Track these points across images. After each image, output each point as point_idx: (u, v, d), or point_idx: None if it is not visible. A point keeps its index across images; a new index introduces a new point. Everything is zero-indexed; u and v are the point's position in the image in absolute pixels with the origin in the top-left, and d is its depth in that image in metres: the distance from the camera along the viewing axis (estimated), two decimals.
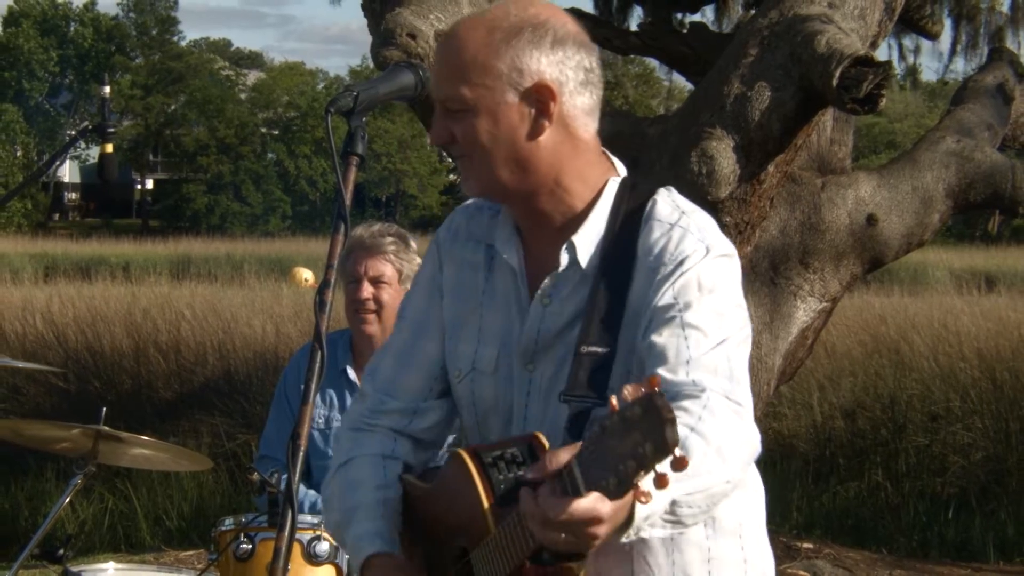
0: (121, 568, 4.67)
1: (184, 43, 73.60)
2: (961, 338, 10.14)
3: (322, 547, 4.12)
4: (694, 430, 2.10)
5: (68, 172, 68.14)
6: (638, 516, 2.00)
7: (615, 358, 2.29)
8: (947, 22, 8.55)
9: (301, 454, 2.31)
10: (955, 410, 9.38)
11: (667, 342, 2.22)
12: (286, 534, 2.31)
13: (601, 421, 1.86)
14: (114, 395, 10.30)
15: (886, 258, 6.42)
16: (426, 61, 5.04)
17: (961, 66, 8.96)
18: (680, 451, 1.82)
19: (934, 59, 9.39)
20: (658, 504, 2.01)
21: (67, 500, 4.45)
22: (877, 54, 5.36)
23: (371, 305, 4.58)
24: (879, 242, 6.30)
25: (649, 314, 2.27)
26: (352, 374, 4.69)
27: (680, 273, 2.27)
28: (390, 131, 63.07)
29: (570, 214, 2.38)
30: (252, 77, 72.20)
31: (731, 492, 2.16)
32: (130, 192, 68.80)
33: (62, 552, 4.34)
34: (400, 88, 2.53)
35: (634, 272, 2.32)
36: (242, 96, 69.19)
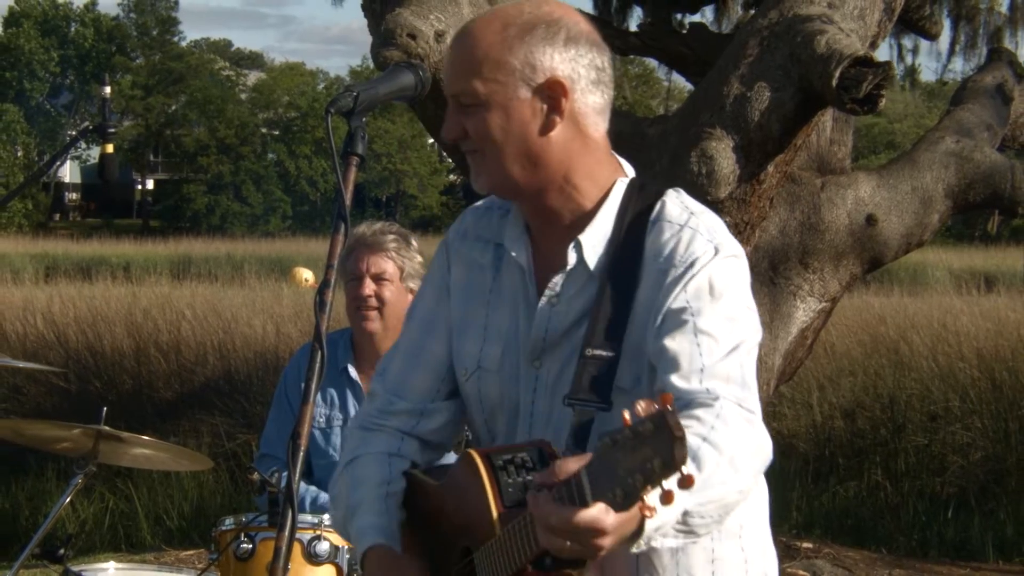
0: (122, 568, 4.66)
1: (185, 43, 73.69)
2: (960, 338, 10.13)
3: (322, 547, 4.11)
4: (707, 440, 2.10)
5: (69, 172, 68.12)
6: (648, 528, 2.01)
7: (620, 362, 2.29)
8: (946, 22, 8.56)
9: (301, 453, 2.32)
10: (954, 410, 9.37)
11: (680, 348, 2.22)
12: (286, 534, 2.31)
13: (613, 434, 1.88)
14: (115, 395, 10.30)
15: (885, 258, 6.43)
16: (426, 61, 5.04)
17: (960, 66, 8.95)
18: (688, 469, 1.84)
19: (933, 59, 9.39)
20: (670, 515, 2.02)
21: (68, 500, 4.44)
22: (876, 54, 5.36)
23: (373, 302, 4.57)
24: (878, 242, 6.31)
25: (661, 316, 2.27)
26: (353, 372, 4.69)
27: (691, 276, 2.27)
28: (390, 131, 63.05)
29: (579, 212, 2.38)
30: (252, 77, 72.16)
31: (743, 501, 2.17)
32: (131, 192, 68.76)
33: (63, 552, 4.33)
34: (400, 88, 2.53)
35: (641, 273, 2.33)
36: (242, 96, 69.16)
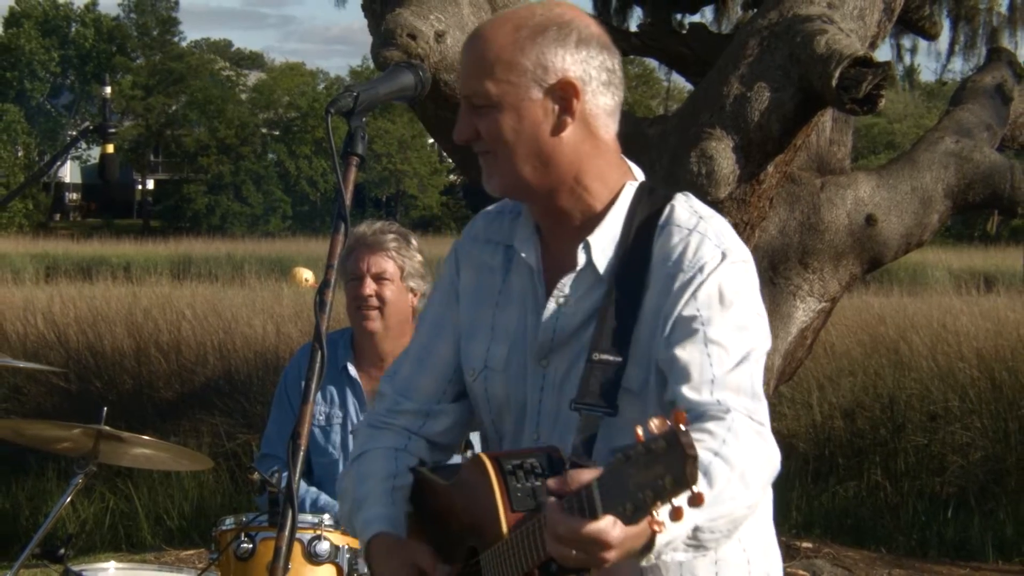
0: (122, 567, 4.65)
1: (185, 44, 73.68)
2: (960, 338, 10.13)
3: (322, 546, 4.10)
4: (718, 455, 2.12)
5: (69, 172, 68.11)
6: (659, 543, 2.03)
7: (626, 367, 2.31)
8: (946, 23, 8.56)
9: (302, 453, 2.33)
10: (954, 410, 9.37)
11: (690, 358, 2.24)
12: (287, 533, 2.32)
13: (626, 450, 1.91)
14: (115, 395, 10.30)
15: (885, 258, 6.44)
16: (426, 61, 5.05)
17: (959, 66, 8.95)
18: (698, 488, 1.87)
19: (933, 60, 9.40)
20: (681, 530, 2.05)
21: (68, 499, 4.44)
22: (876, 55, 5.37)
23: (374, 302, 4.58)
24: (878, 242, 6.31)
25: (671, 322, 2.29)
26: (353, 371, 4.69)
27: (700, 282, 2.29)
28: (390, 131, 63.04)
29: (589, 213, 2.40)
30: (253, 78, 72.14)
31: (751, 515, 2.19)
32: (131, 192, 68.74)
33: (63, 551, 4.33)
34: (400, 88, 2.54)
35: (649, 278, 2.34)
36: (243, 96, 69.14)
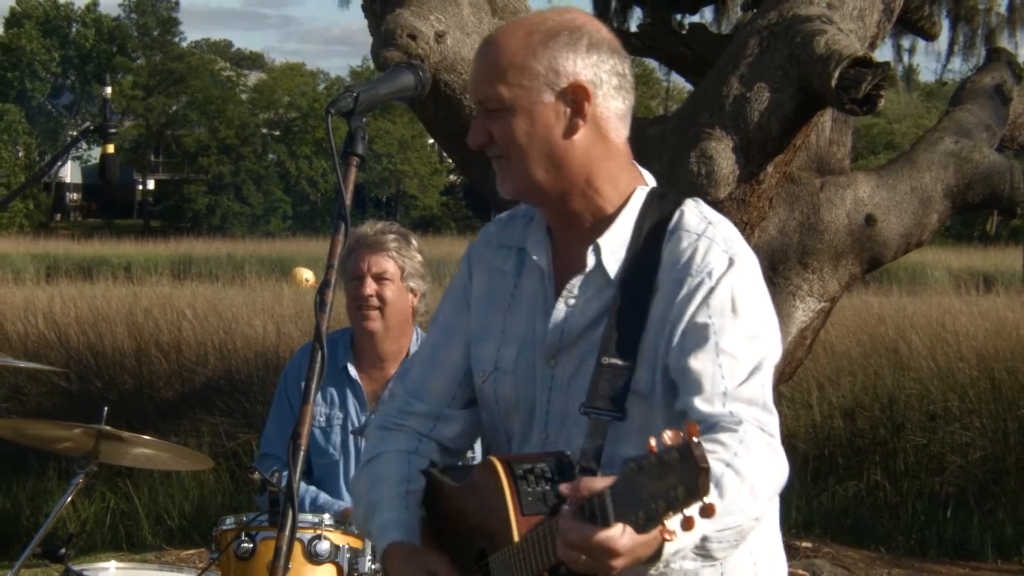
0: (122, 567, 4.65)
1: (185, 44, 73.65)
2: (959, 338, 10.14)
3: (323, 546, 4.11)
4: (730, 466, 2.16)
5: (70, 173, 68.10)
6: (667, 551, 2.07)
7: (635, 371, 2.34)
8: (945, 23, 8.56)
9: (302, 453, 2.33)
10: (953, 410, 9.37)
11: (702, 369, 2.27)
12: (287, 533, 2.33)
13: (639, 460, 1.95)
14: (115, 395, 10.29)
15: (885, 258, 6.44)
16: (426, 62, 5.06)
17: (959, 67, 8.94)
18: (710, 499, 1.90)
19: (932, 60, 9.40)
20: (689, 539, 2.08)
21: (69, 499, 4.44)
22: (875, 55, 5.38)
23: (374, 302, 4.59)
24: (878, 242, 6.31)
25: (681, 328, 2.32)
26: (353, 371, 4.70)
27: (710, 287, 2.32)
28: (390, 132, 63.04)
29: (600, 216, 2.43)
30: (253, 78, 72.12)
31: (758, 526, 2.22)
32: (131, 192, 68.73)
33: (64, 551, 4.33)
34: (400, 89, 2.55)
35: (658, 281, 2.37)
36: (243, 97, 69.12)
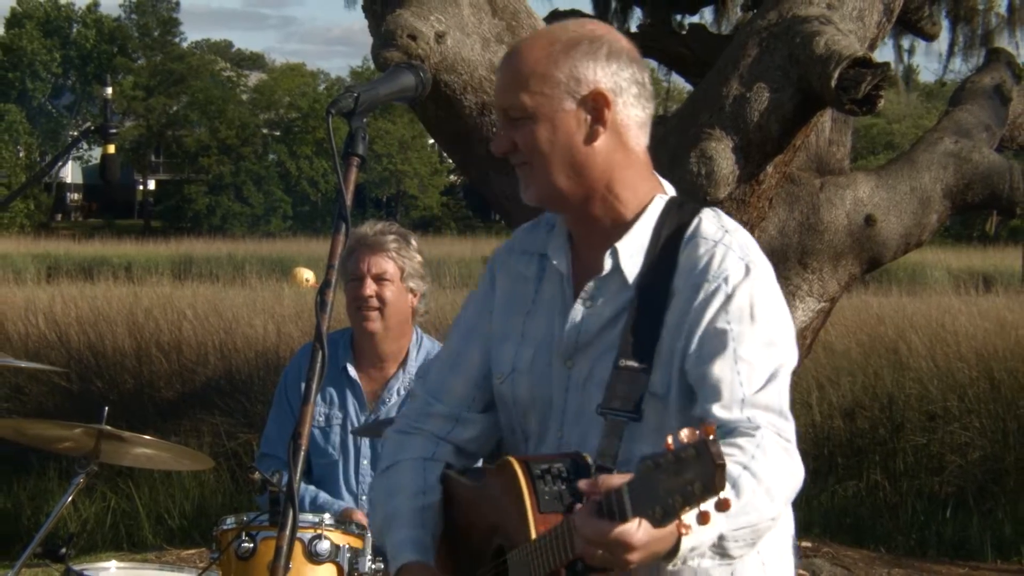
0: (123, 567, 4.65)
1: (186, 44, 73.62)
2: (959, 338, 10.15)
3: (323, 546, 4.10)
4: (747, 468, 2.23)
5: (70, 173, 68.11)
6: (684, 547, 2.12)
7: (651, 374, 2.39)
8: (945, 23, 8.56)
9: (302, 453, 2.34)
10: (953, 410, 9.37)
11: (721, 376, 2.33)
12: (287, 533, 2.34)
13: (655, 457, 2.01)
14: (116, 395, 10.29)
15: (884, 258, 6.44)
16: (426, 62, 5.06)
17: (959, 67, 8.94)
18: (725, 494, 1.96)
19: (932, 60, 9.40)
20: (707, 536, 2.14)
21: (69, 499, 4.43)
22: (875, 55, 5.38)
23: (374, 302, 4.61)
24: (877, 242, 6.32)
25: (699, 334, 2.37)
26: (352, 371, 4.71)
27: (727, 295, 2.37)
28: (391, 132, 63.04)
29: (619, 222, 2.49)
30: (253, 78, 72.09)
31: (774, 527, 2.28)
32: (132, 193, 68.72)
33: (64, 551, 4.32)
34: (401, 89, 2.57)
35: (674, 287, 2.42)
36: (243, 97, 69.08)
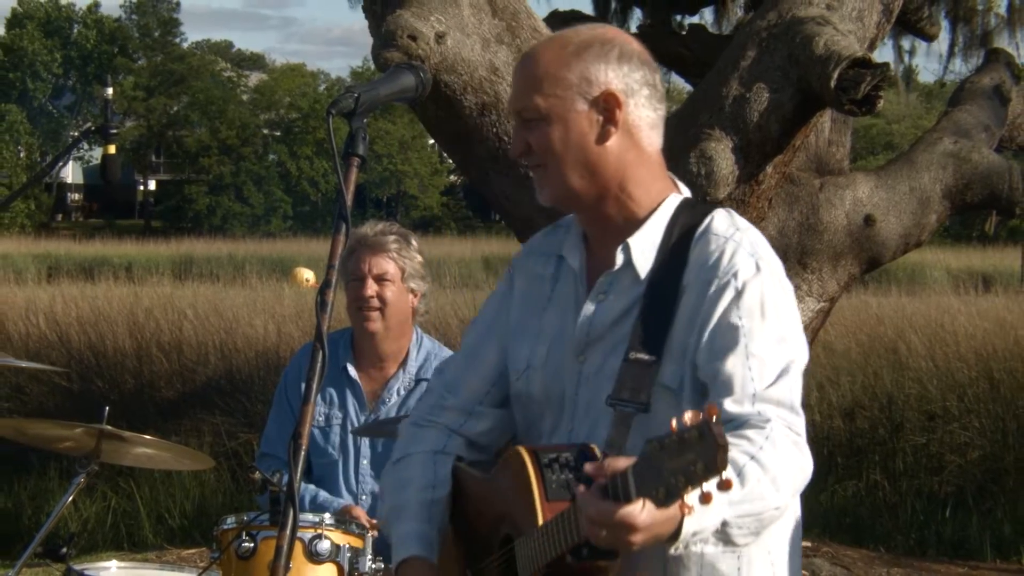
0: (124, 566, 4.65)
1: (186, 45, 73.54)
2: (958, 338, 10.16)
3: (323, 545, 4.10)
4: (754, 458, 2.26)
5: (71, 173, 68.10)
6: (686, 531, 2.15)
7: (661, 366, 2.42)
8: (944, 24, 8.56)
9: (302, 453, 2.35)
10: (952, 409, 9.38)
11: (732, 371, 2.36)
12: (288, 532, 2.34)
13: (660, 439, 2.05)
14: (117, 394, 10.30)
15: (884, 258, 6.44)
16: (426, 63, 5.06)
17: (959, 67, 8.95)
18: (727, 475, 1.99)
19: (932, 61, 9.41)
20: (709, 521, 2.17)
21: (70, 499, 4.44)
22: (875, 56, 5.39)
23: (375, 303, 4.62)
24: (877, 242, 6.32)
25: (710, 329, 2.40)
26: (353, 371, 4.72)
27: (737, 290, 2.41)
28: (391, 132, 63.04)
29: (632, 220, 2.53)
30: (254, 78, 72.06)
31: (780, 517, 2.31)
32: (133, 193, 68.71)
33: (65, 550, 4.32)
34: (401, 89, 2.58)
35: (685, 282, 2.46)
36: (244, 97, 69.07)
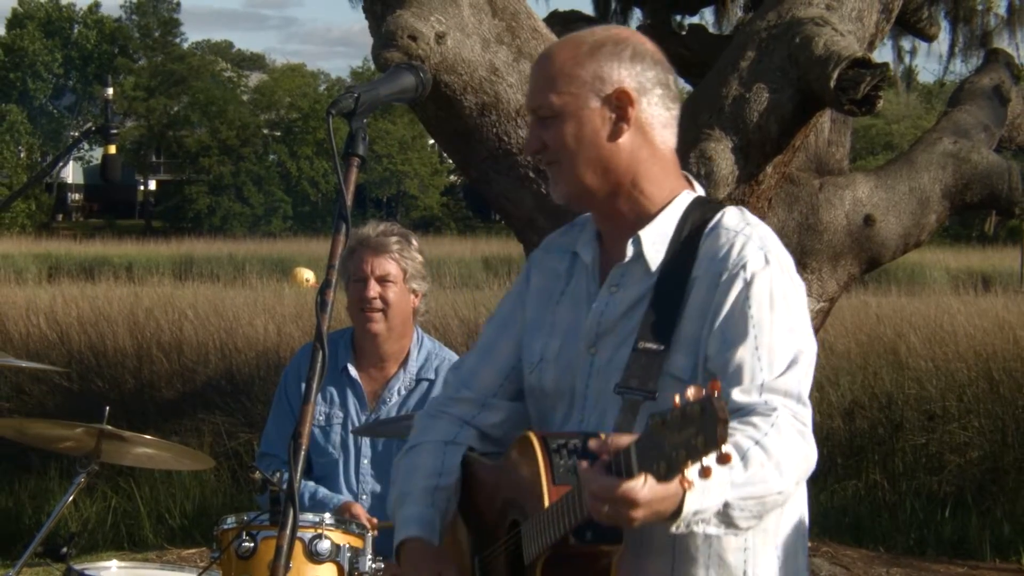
0: (124, 566, 4.65)
1: (186, 45, 73.47)
2: (958, 338, 10.17)
3: (323, 545, 4.09)
4: (759, 443, 2.30)
5: (72, 173, 68.09)
6: (687, 510, 2.18)
7: (669, 356, 2.46)
8: (944, 24, 8.57)
9: (303, 453, 2.36)
10: (952, 409, 9.38)
11: (741, 361, 2.41)
12: (288, 532, 2.35)
13: (663, 414, 2.08)
14: (117, 394, 10.29)
15: (883, 258, 6.45)
16: (426, 63, 5.07)
17: (959, 68, 8.95)
18: (727, 449, 2.02)
19: (932, 61, 9.42)
20: (711, 501, 2.20)
21: (70, 498, 4.44)
22: (874, 56, 5.39)
23: (378, 304, 4.62)
24: (876, 242, 6.33)
25: (720, 319, 2.44)
26: (353, 371, 4.72)
27: (747, 282, 2.44)
28: (391, 132, 63.03)
29: (644, 215, 2.57)
30: (254, 79, 72.05)
31: (782, 503, 2.34)
32: (133, 193, 68.73)
33: (65, 550, 4.33)
34: (401, 90, 2.59)
35: (694, 274, 2.50)
36: (244, 98, 69.05)
